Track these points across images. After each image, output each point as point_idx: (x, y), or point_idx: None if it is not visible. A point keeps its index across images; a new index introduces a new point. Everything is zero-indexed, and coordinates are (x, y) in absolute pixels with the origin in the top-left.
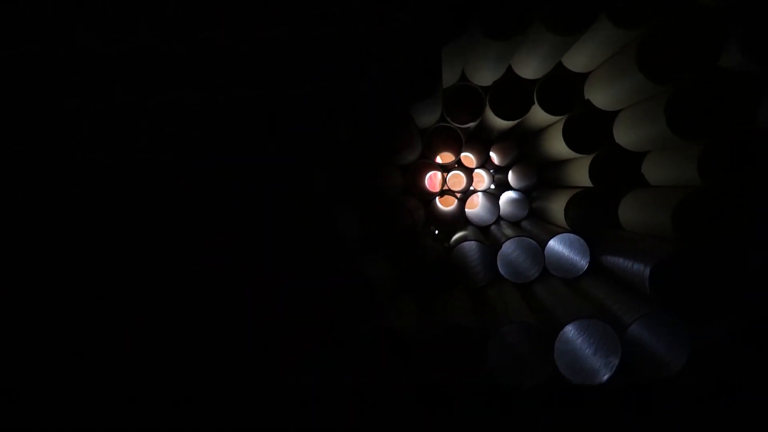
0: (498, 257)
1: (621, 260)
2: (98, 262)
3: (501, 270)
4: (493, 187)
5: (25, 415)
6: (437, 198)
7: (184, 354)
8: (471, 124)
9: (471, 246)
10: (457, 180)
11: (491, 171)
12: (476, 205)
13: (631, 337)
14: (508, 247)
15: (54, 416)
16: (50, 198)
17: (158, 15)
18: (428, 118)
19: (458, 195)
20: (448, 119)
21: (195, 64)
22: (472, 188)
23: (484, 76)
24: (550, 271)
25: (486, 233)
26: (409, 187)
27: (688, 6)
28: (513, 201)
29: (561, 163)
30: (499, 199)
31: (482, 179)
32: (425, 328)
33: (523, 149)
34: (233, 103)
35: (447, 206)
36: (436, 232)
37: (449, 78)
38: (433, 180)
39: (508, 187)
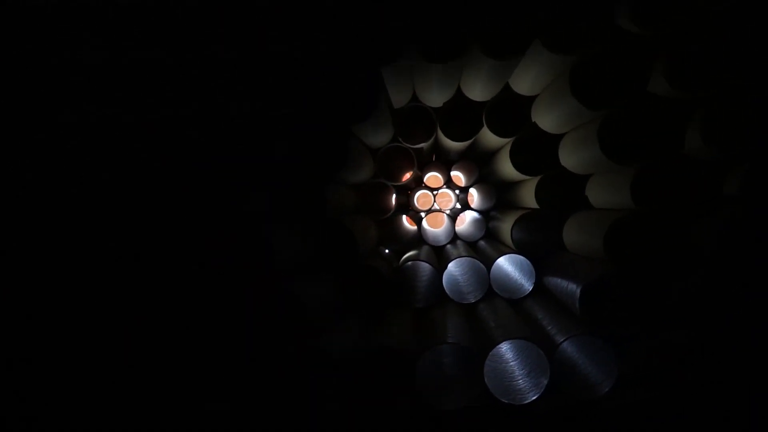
0: (444, 277)
1: (559, 281)
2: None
3: (447, 290)
4: (458, 206)
5: (23, 416)
6: (405, 217)
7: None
8: (423, 145)
9: (417, 266)
10: (425, 200)
11: (456, 192)
12: (440, 225)
13: (560, 359)
14: (453, 268)
15: (52, 416)
16: (49, 198)
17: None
18: (380, 138)
19: (421, 214)
20: (400, 139)
21: (132, 82)
22: (434, 208)
23: (434, 97)
24: (495, 291)
25: (442, 253)
26: (361, 206)
27: (617, 34)
28: (471, 221)
29: (514, 185)
30: (455, 219)
31: (449, 199)
32: (357, 350)
33: (483, 170)
34: (166, 121)
35: (412, 225)
36: (387, 251)
37: (401, 99)
38: (388, 201)
39: (469, 207)
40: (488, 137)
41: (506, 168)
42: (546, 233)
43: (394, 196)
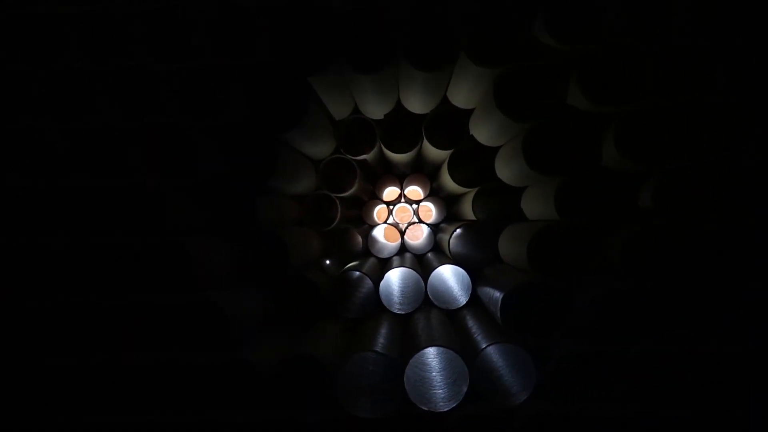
0: (380, 288)
1: (488, 291)
2: None
3: (383, 301)
4: (414, 219)
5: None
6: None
7: None
8: (366, 157)
9: (353, 277)
10: (384, 213)
11: (412, 205)
12: (394, 238)
13: (482, 367)
14: (390, 279)
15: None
16: None
17: None
18: (320, 149)
19: (379, 226)
20: (342, 151)
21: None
22: (389, 221)
23: (373, 109)
24: (433, 302)
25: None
26: (305, 218)
27: (538, 48)
28: (422, 235)
29: (459, 197)
30: (404, 232)
31: (407, 212)
32: (279, 361)
33: (434, 184)
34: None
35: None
36: (328, 263)
37: (343, 111)
38: (331, 212)
39: (420, 221)
40: (430, 150)
41: (447, 180)
42: (482, 245)
43: (339, 208)
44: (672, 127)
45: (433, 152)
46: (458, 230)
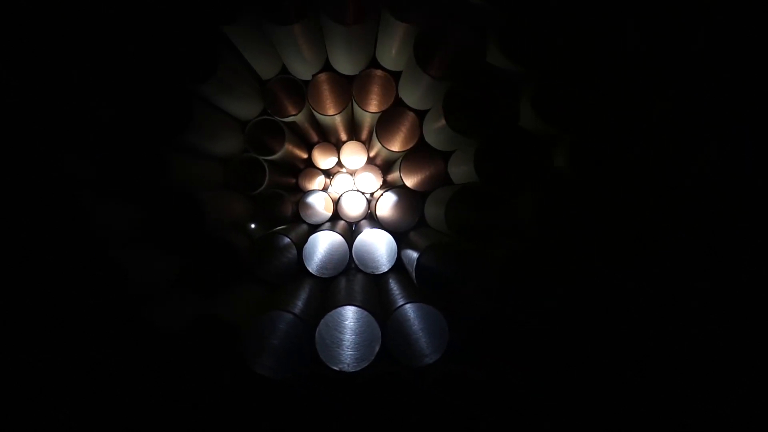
0: (304, 253)
1: (409, 254)
2: None
3: (307, 266)
4: (350, 188)
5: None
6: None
7: None
8: (294, 118)
9: (277, 240)
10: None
11: (347, 172)
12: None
13: (394, 327)
14: (313, 243)
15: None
16: None
17: None
18: (246, 109)
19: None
20: (269, 112)
21: None
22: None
23: (300, 68)
24: (358, 267)
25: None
26: (231, 181)
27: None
28: (355, 202)
29: (393, 163)
30: (339, 199)
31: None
32: (186, 321)
33: (371, 152)
34: None
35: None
36: (253, 226)
37: (269, 70)
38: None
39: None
40: (362, 113)
41: (377, 144)
42: (408, 209)
43: (267, 171)
44: (585, 89)
45: (366, 116)
46: (384, 195)
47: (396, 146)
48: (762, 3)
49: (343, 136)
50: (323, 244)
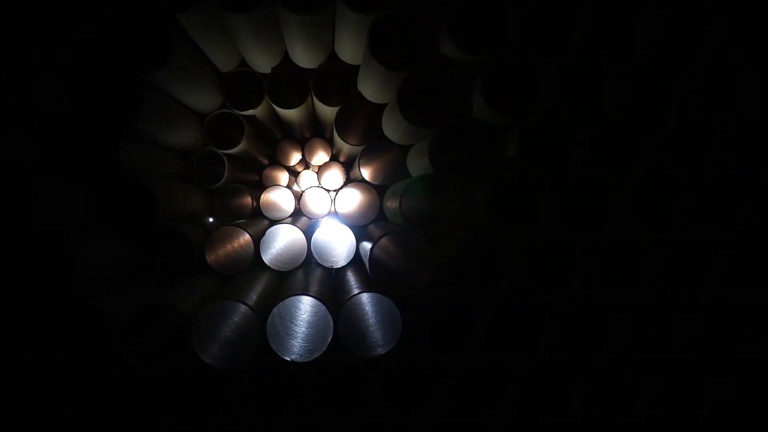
0: (261, 244)
1: (365, 246)
2: None
3: (264, 259)
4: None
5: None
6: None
7: None
8: (253, 112)
9: (231, 232)
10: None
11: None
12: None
13: (347, 318)
14: (270, 236)
15: None
16: None
17: None
18: (204, 101)
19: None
20: (228, 105)
21: None
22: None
23: (258, 60)
24: (317, 261)
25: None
26: (191, 175)
27: None
28: (318, 198)
29: (355, 159)
30: (302, 196)
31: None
32: (138, 310)
33: (334, 149)
34: None
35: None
36: (211, 219)
37: (228, 62)
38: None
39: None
40: (322, 108)
41: (338, 139)
42: (368, 204)
43: (226, 165)
44: (536, 79)
45: (326, 110)
46: (343, 189)
47: (355, 140)
48: None
49: (307, 133)
50: (282, 237)
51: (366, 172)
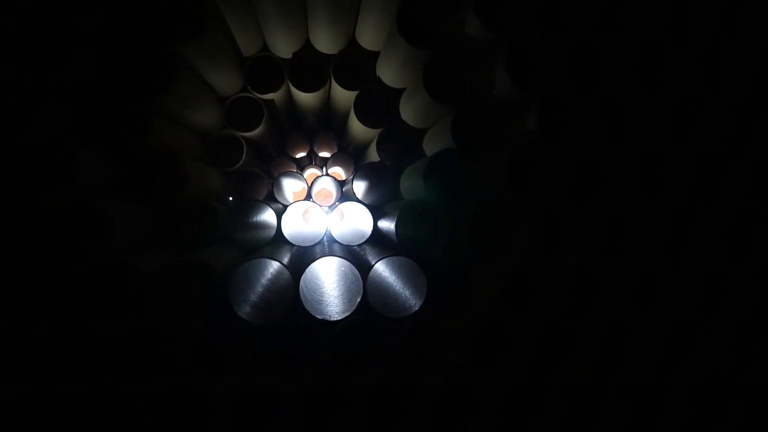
0: (283, 222)
1: (387, 219)
2: None
3: (286, 234)
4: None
5: None
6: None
7: None
8: (273, 96)
9: (257, 207)
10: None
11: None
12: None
13: (375, 279)
14: (293, 210)
15: None
16: None
17: None
18: (226, 82)
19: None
20: (249, 88)
21: None
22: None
23: (281, 44)
24: (336, 239)
25: None
26: (208, 157)
27: None
28: (329, 186)
29: (366, 148)
30: (311, 185)
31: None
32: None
33: (342, 141)
34: None
35: None
36: (231, 198)
37: (251, 47)
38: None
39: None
40: (339, 92)
41: (355, 124)
42: (384, 183)
43: (245, 147)
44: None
45: (343, 96)
46: (361, 169)
47: (373, 123)
48: None
49: (315, 123)
50: (304, 217)
51: (383, 156)
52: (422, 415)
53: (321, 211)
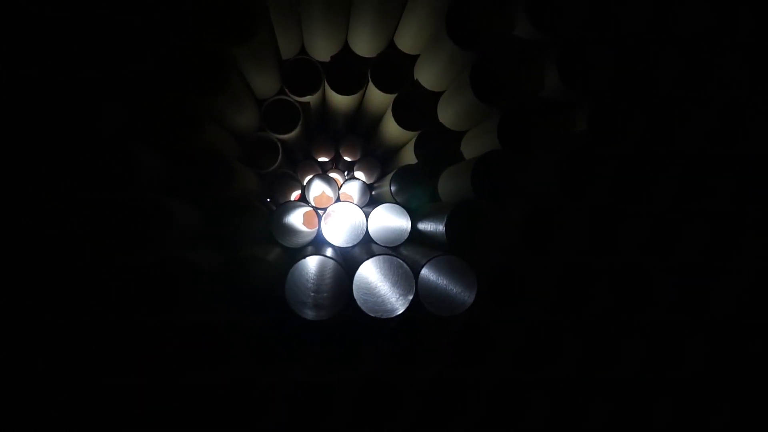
0: (322, 223)
1: (428, 222)
2: None
3: (324, 235)
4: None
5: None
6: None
7: None
8: (309, 98)
9: (294, 206)
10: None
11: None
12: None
13: (426, 278)
14: (333, 211)
15: None
16: None
17: None
18: (265, 83)
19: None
20: (287, 90)
21: None
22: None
23: (320, 47)
24: (374, 240)
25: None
26: (243, 158)
27: None
28: (358, 188)
29: (398, 150)
30: (341, 186)
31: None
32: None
33: (368, 145)
34: None
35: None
36: (268, 200)
37: (289, 49)
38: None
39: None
40: (374, 95)
41: (390, 127)
42: (422, 184)
43: (280, 149)
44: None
45: (378, 98)
46: (399, 171)
47: (410, 126)
48: None
49: (343, 126)
50: (344, 215)
51: (421, 156)
52: (477, 410)
53: (360, 213)
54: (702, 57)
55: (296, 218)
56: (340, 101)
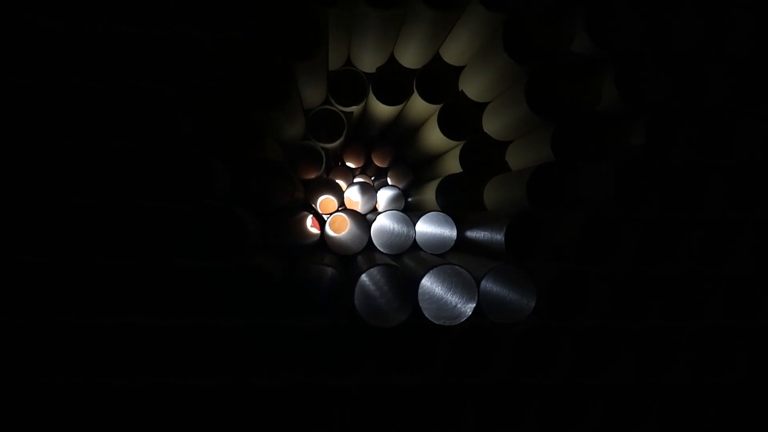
0: (373, 228)
1: (482, 229)
2: None
3: (373, 237)
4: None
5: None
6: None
7: None
8: (354, 108)
9: (344, 217)
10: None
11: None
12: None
13: (486, 287)
14: (382, 220)
15: None
16: None
17: None
18: (313, 94)
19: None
20: (332, 101)
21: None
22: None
23: (367, 59)
24: (421, 247)
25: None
26: (291, 165)
27: None
28: (390, 197)
29: (435, 159)
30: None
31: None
32: (291, 272)
33: (401, 152)
34: None
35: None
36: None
37: (335, 61)
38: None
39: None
40: (418, 104)
41: (432, 136)
42: (468, 194)
43: (324, 158)
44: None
45: (421, 108)
46: (446, 180)
47: (454, 136)
48: None
49: (377, 134)
50: (390, 223)
51: (465, 166)
52: (535, 414)
53: (408, 219)
54: (755, 71)
55: (347, 227)
56: (382, 111)
